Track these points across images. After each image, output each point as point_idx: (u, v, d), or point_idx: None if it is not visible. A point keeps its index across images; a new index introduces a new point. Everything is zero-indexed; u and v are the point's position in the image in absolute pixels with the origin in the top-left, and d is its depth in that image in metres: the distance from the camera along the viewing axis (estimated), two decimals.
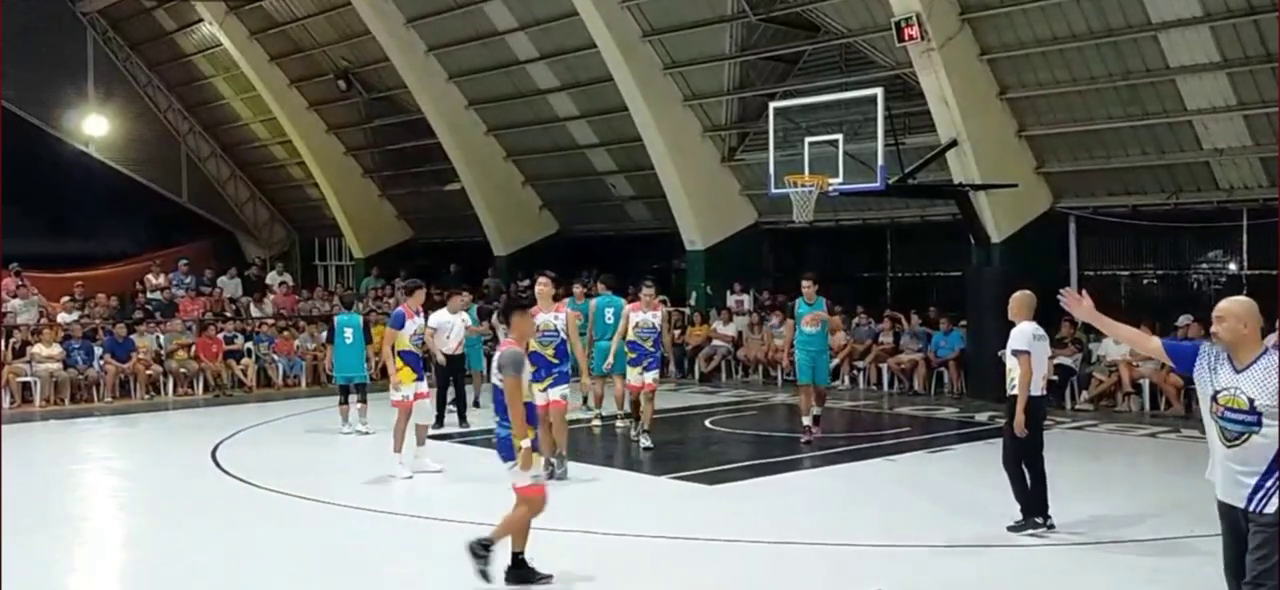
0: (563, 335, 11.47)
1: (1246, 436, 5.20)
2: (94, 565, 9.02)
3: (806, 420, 13.55)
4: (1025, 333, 8.82)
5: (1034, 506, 8.88)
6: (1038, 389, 8.82)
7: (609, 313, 14.92)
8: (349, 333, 15.09)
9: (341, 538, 9.36)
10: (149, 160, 30.75)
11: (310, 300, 24.96)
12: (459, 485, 11.58)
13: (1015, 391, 8.73)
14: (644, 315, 13.15)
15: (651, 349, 13.07)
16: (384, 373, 12.99)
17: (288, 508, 10.60)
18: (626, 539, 9.16)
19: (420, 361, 12.30)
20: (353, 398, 14.92)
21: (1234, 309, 5.33)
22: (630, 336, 13.14)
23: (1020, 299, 9.05)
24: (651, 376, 13.06)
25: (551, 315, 11.40)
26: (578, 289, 16.28)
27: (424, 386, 12.23)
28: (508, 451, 7.56)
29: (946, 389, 18.38)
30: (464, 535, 7.69)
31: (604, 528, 9.41)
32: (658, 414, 13.68)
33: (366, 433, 14.45)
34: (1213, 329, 5.36)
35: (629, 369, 13.21)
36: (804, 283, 13.47)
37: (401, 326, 12.02)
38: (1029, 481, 8.86)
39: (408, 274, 25.89)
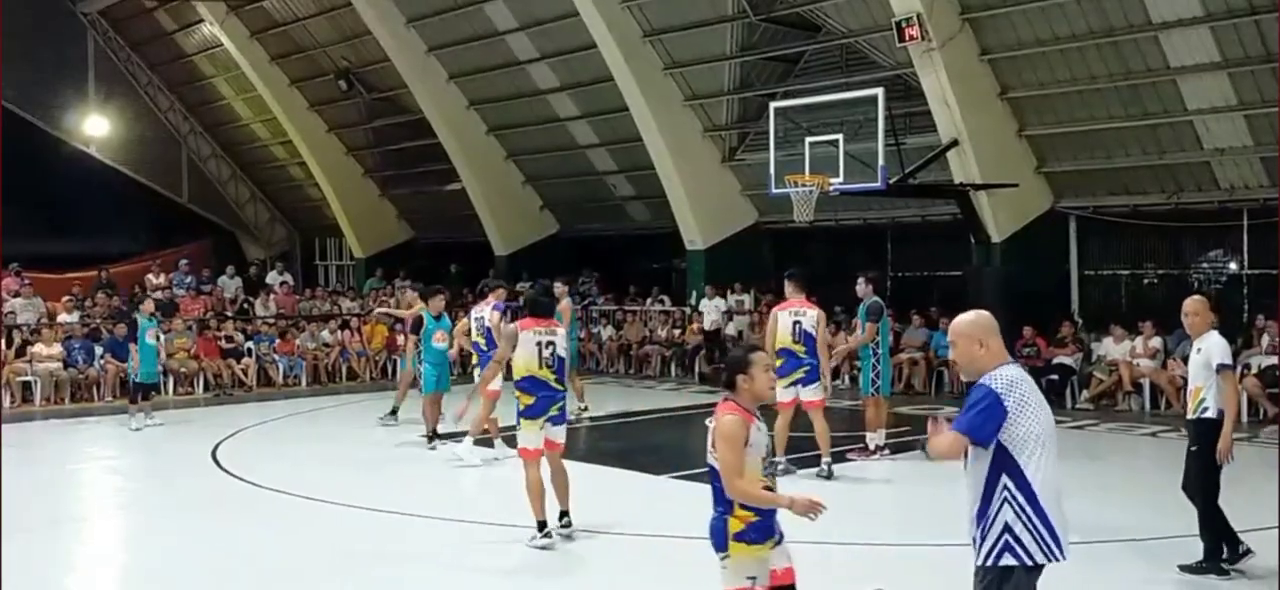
0: (813, 333, 10.93)
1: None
2: (94, 565, 9.02)
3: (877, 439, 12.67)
4: (1224, 345, 7.68)
5: (1228, 539, 7.75)
6: (1218, 409, 7.63)
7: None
8: (150, 334, 15.81)
9: (342, 537, 9.35)
10: (149, 160, 30.78)
11: (312, 300, 24.96)
12: (460, 486, 11.60)
13: (1208, 412, 7.58)
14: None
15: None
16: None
17: (289, 507, 10.60)
18: (627, 539, 9.17)
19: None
20: (152, 396, 16.10)
21: (961, 328, 4.70)
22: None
23: (1201, 306, 7.84)
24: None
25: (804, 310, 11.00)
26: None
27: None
28: None
29: (946, 389, 18.37)
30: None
31: (604, 527, 9.40)
32: (657, 415, 13.52)
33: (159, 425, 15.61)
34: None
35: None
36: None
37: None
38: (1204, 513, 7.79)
39: (406, 274, 26.05)
